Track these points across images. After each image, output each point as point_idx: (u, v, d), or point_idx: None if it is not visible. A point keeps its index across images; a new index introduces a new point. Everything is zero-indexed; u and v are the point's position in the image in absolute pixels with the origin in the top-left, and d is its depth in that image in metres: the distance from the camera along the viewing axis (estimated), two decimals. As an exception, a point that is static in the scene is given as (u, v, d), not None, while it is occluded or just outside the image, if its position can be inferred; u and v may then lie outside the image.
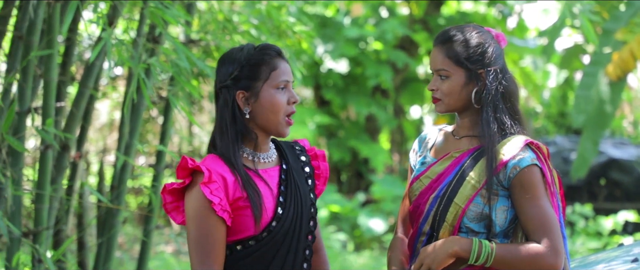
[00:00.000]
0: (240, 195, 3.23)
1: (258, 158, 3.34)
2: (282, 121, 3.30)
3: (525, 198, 3.32)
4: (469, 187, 3.36)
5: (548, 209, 3.32)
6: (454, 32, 3.46)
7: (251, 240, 3.26)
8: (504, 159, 3.34)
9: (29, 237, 4.98)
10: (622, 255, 4.28)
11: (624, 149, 15.29)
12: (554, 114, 18.86)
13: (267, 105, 3.28)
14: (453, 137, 3.53)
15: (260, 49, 3.33)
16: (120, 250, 11.06)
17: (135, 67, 4.75)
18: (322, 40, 14.17)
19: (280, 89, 3.29)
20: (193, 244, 3.22)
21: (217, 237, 3.22)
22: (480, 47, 3.43)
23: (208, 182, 3.19)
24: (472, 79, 3.42)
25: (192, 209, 3.23)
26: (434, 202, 3.41)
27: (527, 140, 3.37)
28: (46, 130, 4.84)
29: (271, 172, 3.34)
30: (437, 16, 15.34)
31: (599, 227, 13.04)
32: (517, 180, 3.33)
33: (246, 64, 3.30)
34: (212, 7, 6.29)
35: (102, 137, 13.84)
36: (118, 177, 5.73)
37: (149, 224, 5.97)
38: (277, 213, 3.27)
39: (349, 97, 14.48)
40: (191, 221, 3.23)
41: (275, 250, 3.28)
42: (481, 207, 3.34)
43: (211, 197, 3.18)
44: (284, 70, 3.32)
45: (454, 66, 3.41)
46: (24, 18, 4.98)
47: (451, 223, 3.37)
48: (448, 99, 3.43)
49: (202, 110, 14.57)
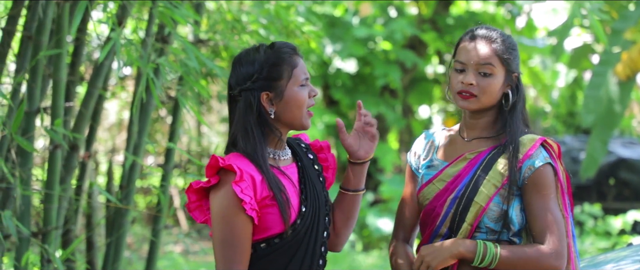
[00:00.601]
0: (268, 194, 3.23)
1: (278, 156, 3.36)
2: (305, 115, 3.33)
3: (535, 197, 3.33)
4: (489, 186, 3.36)
5: (556, 210, 3.33)
6: (492, 31, 3.45)
7: (276, 238, 3.27)
8: (521, 157, 3.35)
9: (38, 236, 4.99)
10: (631, 254, 4.27)
11: (633, 148, 15.27)
12: (563, 113, 18.82)
13: (292, 103, 3.30)
14: (461, 139, 3.52)
15: (277, 48, 3.33)
16: (129, 250, 11.08)
17: (144, 67, 4.76)
18: (331, 40, 14.16)
19: (303, 86, 3.32)
20: (219, 243, 3.22)
21: (244, 237, 3.22)
22: (514, 49, 3.45)
23: (239, 181, 3.20)
24: (507, 81, 3.43)
25: (220, 207, 3.23)
26: (452, 204, 3.41)
27: (541, 139, 3.39)
28: (55, 130, 4.84)
29: (291, 169, 3.37)
30: (446, 16, 15.32)
31: (608, 226, 13.02)
32: (531, 179, 3.35)
33: (266, 64, 3.30)
34: (221, 6, 6.29)
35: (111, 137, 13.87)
36: (127, 177, 5.73)
37: (158, 223, 5.97)
38: (301, 210, 3.29)
39: (358, 96, 14.46)
40: (218, 220, 3.23)
41: (296, 248, 3.29)
42: (500, 206, 3.35)
43: (242, 195, 3.18)
44: (303, 67, 3.34)
45: (500, 65, 3.40)
46: (33, 18, 4.99)
47: (470, 222, 3.37)
48: (485, 97, 3.41)
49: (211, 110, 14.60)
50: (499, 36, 3.43)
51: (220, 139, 15.83)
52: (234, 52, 6.25)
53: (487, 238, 3.38)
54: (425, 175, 3.52)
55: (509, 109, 3.43)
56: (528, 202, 3.36)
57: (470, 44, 3.44)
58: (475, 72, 3.40)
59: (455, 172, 3.44)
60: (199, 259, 12.68)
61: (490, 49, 3.40)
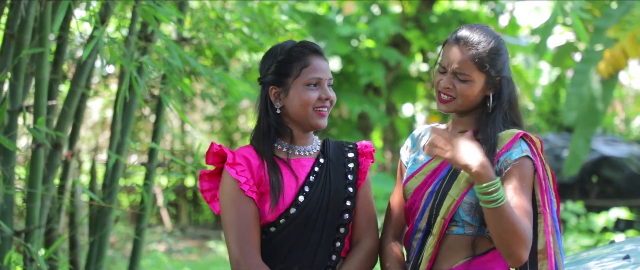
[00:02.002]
0: (264, 180, 3.31)
1: (293, 150, 3.41)
2: (312, 114, 3.37)
3: (507, 189, 3.32)
4: (463, 180, 3.36)
5: (526, 204, 3.32)
6: (476, 34, 3.42)
7: (271, 226, 3.33)
8: (498, 152, 3.35)
9: (20, 235, 4.97)
10: (614, 252, 4.29)
11: (615, 146, 15.33)
12: (546, 111, 18.89)
13: (296, 101, 3.36)
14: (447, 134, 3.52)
15: (296, 46, 3.41)
16: (112, 248, 11.05)
17: (128, 65, 4.74)
18: (315, 38, 14.15)
19: (311, 86, 3.35)
20: (229, 227, 3.30)
21: (251, 218, 3.30)
22: (498, 54, 3.42)
23: (232, 163, 3.30)
24: (489, 85, 3.42)
25: (222, 192, 3.33)
26: (430, 198, 3.42)
27: (520, 133, 3.39)
28: (38, 128, 4.82)
29: (304, 162, 3.41)
30: (430, 14, 15.34)
31: (590, 224, 13.08)
32: (507, 171, 3.34)
33: (279, 60, 3.38)
34: (204, 5, 6.28)
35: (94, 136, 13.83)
36: (110, 176, 5.72)
37: (141, 222, 5.96)
38: (297, 200, 3.32)
39: (342, 95, 14.47)
40: (223, 205, 3.32)
41: (295, 238, 3.34)
42: (475, 199, 3.34)
43: (237, 176, 3.28)
44: (316, 68, 3.37)
45: (477, 71, 3.39)
46: (16, 16, 4.97)
47: (443, 216, 3.36)
48: (462, 100, 3.41)
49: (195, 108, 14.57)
50: (483, 40, 3.41)
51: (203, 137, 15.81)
52: (218, 51, 6.25)
53: (464, 233, 3.38)
54: (409, 169, 3.54)
55: (490, 111, 3.43)
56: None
57: (452, 47, 3.43)
58: (454, 76, 3.41)
59: (435, 166, 3.45)
60: (183, 258, 12.66)
61: (467, 56, 3.38)
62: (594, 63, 11.61)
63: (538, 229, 3.39)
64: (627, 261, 3.98)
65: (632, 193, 14.67)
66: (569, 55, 14.27)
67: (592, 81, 11.77)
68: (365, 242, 3.46)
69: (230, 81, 5.82)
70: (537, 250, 3.38)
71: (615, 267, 4.00)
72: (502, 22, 16.72)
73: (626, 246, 4.33)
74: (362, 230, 3.47)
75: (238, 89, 5.86)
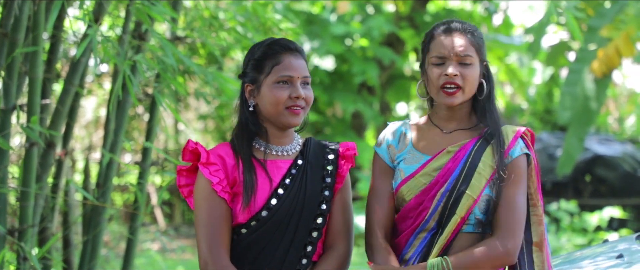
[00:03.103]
0: (238, 180, 3.29)
1: (270, 150, 3.39)
2: (283, 112, 3.35)
3: (506, 183, 3.38)
4: (480, 178, 3.39)
5: (520, 199, 3.39)
6: (465, 23, 3.50)
7: (242, 227, 3.31)
8: (506, 149, 3.42)
9: (14, 235, 4.96)
10: (607, 251, 4.29)
11: (609, 145, 15.35)
12: (540, 110, 18.91)
13: (266, 99, 3.35)
14: (440, 131, 3.53)
15: (269, 44, 3.40)
16: (105, 247, 11.03)
17: (121, 64, 4.74)
18: (309, 37, 14.15)
19: (281, 84, 3.33)
20: (199, 225, 3.30)
21: (222, 219, 3.29)
22: (483, 39, 3.52)
23: (206, 163, 3.29)
24: (481, 70, 3.48)
25: (197, 191, 3.32)
26: (443, 197, 3.41)
27: (520, 131, 3.45)
28: (31, 127, 4.82)
29: (281, 163, 3.39)
30: (423, 13, 15.34)
31: (584, 223, 13.09)
32: (509, 166, 3.40)
33: (255, 58, 3.39)
34: (198, 4, 6.28)
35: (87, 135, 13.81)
36: (104, 175, 5.71)
37: (135, 221, 5.95)
38: (269, 203, 3.30)
39: (335, 94, 14.47)
40: (197, 204, 3.32)
41: (265, 240, 3.31)
42: (490, 197, 3.39)
43: (210, 177, 3.27)
44: (288, 65, 3.36)
45: (476, 55, 3.46)
46: (9, 15, 4.96)
47: (461, 215, 3.38)
48: (468, 87, 3.44)
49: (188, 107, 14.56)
50: (470, 27, 3.49)
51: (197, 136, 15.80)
52: (211, 49, 6.25)
53: (474, 230, 3.40)
54: (404, 169, 3.50)
55: (484, 97, 3.47)
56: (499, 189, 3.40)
57: (447, 37, 3.47)
58: (456, 63, 3.43)
59: (442, 165, 3.45)
60: (176, 257, 12.66)
61: (467, 40, 3.45)
62: (588, 62, 11.62)
63: (532, 221, 3.45)
64: (621, 260, 3.98)
65: (625, 192, 14.70)
66: (562, 54, 14.29)
67: (586, 80, 11.79)
68: (338, 248, 3.42)
69: (224, 80, 5.82)
70: (533, 242, 3.43)
71: (609, 266, 4.00)
72: (495, 21, 16.74)
73: (619, 245, 4.33)
74: (336, 235, 3.43)
75: (232, 88, 5.86)
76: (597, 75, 11.64)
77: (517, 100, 20.04)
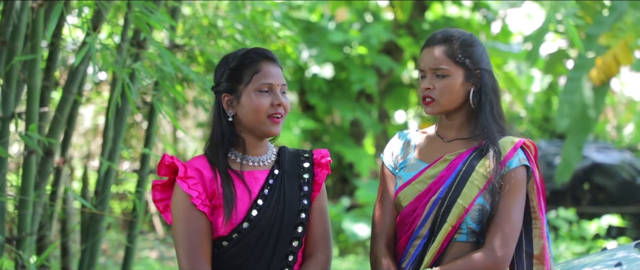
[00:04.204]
0: (217, 193, 3.26)
1: (247, 161, 3.37)
2: (265, 121, 3.33)
3: (501, 194, 3.36)
4: (472, 188, 3.38)
5: (515, 212, 3.37)
6: (449, 33, 3.48)
7: (224, 240, 3.29)
8: (503, 160, 3.39)
9: (12, 243, 4.96)
10: (606, 259, 4.29)
11: (607, 153, 15.34)
12: (538, 118, 18.91)
13: (247, 108, 3.33)
14: (441, 139, 3.54)
15: (245, 53, 3.38)
16: (104, 256, 11.02)
17: (120, 72, 4.74)
18: (307, 45, 14.16)
19: (263, 92, 3.32)
20: (179, 240, 3.26)
21: (202, 232, 3.26)
22: (474, 47, 3.48)
23: (184, 177, 3.26)
24: (469, 79, 3.46)
25: (174, 204, 3.29)
26: (435, 205, 3.42)
27: (520, 142, 3.43)
28: (30, 135, 4.81)
29: (258, 174, 3.37)
30: (422, 21, 15.36)
31: (582, 231, 13.08)
32: (505, 177, 3.38)
33: (232, 67, 3.35)
34: (196, 12, 6.28)
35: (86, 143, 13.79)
36: (102, 183, 5.71)
37: (133, 229, 5.95)
38: (250, 215, 3.29)
39: (334, 101, 14.47)
40: (175, 218, 3.28)
41: (247, 252, 3.30)
42: (483, 206, 3.36)
43: (189, 191, 3.24)
44: (267, 74, 3.34)
45: (454, 65, 3.44)
46: (8, 23, 4.96)
47: (452, 223, 3.38)
48: (444, 98, 3.44)
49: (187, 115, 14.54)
50: (454, 35, 3.47)
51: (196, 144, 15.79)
52: (210, 57, 6.25)
53: (467, 240, 3.40)
54: (403, 176, 3.53)
55: (476, 107, 3.46)
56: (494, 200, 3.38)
57: (426, 50, 3.50)
58: (433, 75, 3.45)
59: (437, 173, 3.46)
60: (174, 265, 12.63)
61: (441, 51, 3.44)
62: (586, 70, 11.63)
63: (533, 234, 3.43)
64: (619, 268, 3.98)
65: (624, 200, 14.69)
66: (561, 62, 14.29)
67: (584, 88, 11.79)
68: (318, 256, 3.42)
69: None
70: (534, 255, 3.42)
71: (607, 274, 4.00)
72: (494, 29, 16.75)
73: (618, 253, 4.33)
74: (316, 244, 3.43)
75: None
76: (595, 83, 11.64)
77: (515, 108, 20.03)
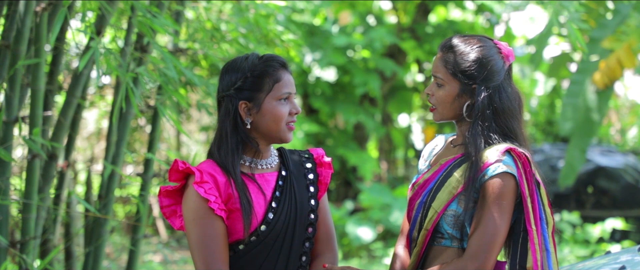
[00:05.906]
0: (232, 197, 3.25)
1: (256, 164, 3.38)
2: (283, 129, 3.35)
3: (481, 202, 3.32)
4: (446, 192, 3.38)
5: (491, 222, 3.29)
6: (457, 42, 3.45)
7: (240, 244, 3.28)
8: (482, 166, 3.34)
9: (16, 246, 4.96)
10: (610, 263, 4.29)
11: (611, 156, 15.32)
12: (542, 122, 18.90)
13: (269, 116, 3.33)
14: (451, 146, 3.55)
15: (265, 60, 3.36)
16: (107, 259, 11.02)
17: (123, 76, 4.74)
18: (310, 48, 14.15)
19: (283, 101, 3.33)
20: (196, 246, 3.24)
21: (219, 237, 3.24)
22: (477, 63, 3.41)
23: (200, 182, 3.24)
24: (465, 92, 3.43)
25: (189, 210, 3.26)
26: (419, 209, 3.44)
27: (507, 148, 3.36)
28: (33, 139, 4.82)
29: (268, 177, 3.38)
30: (425, 24, 15.35)
31: (586, 234, 13.06)
32: (484, 186, 3.33)
33: (250, 74, 3.34)
34: (200, 16, 6.29)
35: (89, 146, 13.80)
36: (106, 186, 5.71)
37: (137, 233, 5.95)
38: (267, 217, 3.29)
39: (337, 105, 14.47)
40: (191, 224, 3.25)
41: (264, 255, 3.31)
42: (458, 212, 3.36)
43: (206, 195, 3.22)
44: (287, 83, 3.36)
45: (449, 76, 3.43)
46: (11, 27, 4.97)
47: (426, 227, 3.39)
48: (441, 107, 3.46)
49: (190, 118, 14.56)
50: (462, 47, 3.44)
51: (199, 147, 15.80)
52: (214, 61, 6.26)
53: (451, 245, 3.40)
54: (413, 180, 3.58)
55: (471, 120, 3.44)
56: (477, 205, 3.35)
57: (437, 54, 3.50)
58: (434, 82, 3.47)
59: (426, 178, 3.49)
60: (178, 268, 12.64)
61: (441, 60, 3.45)
62: (590, 74, 11.62)
63: (527, 246, 3.38)
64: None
65: (627, 204, 14.66)
66: (564, 65, 14.28)
67: (588, 92, 11.78)
68: (327, 255, 3.45)
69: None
70: (526, 267, 3.37)
71: (611, 278, 4.00)
72: (497, 33, 16.74)
73: (622, 257, 4.33)
74: (323, 244, 3.46)
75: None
76: (599, 87, 11.63)
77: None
